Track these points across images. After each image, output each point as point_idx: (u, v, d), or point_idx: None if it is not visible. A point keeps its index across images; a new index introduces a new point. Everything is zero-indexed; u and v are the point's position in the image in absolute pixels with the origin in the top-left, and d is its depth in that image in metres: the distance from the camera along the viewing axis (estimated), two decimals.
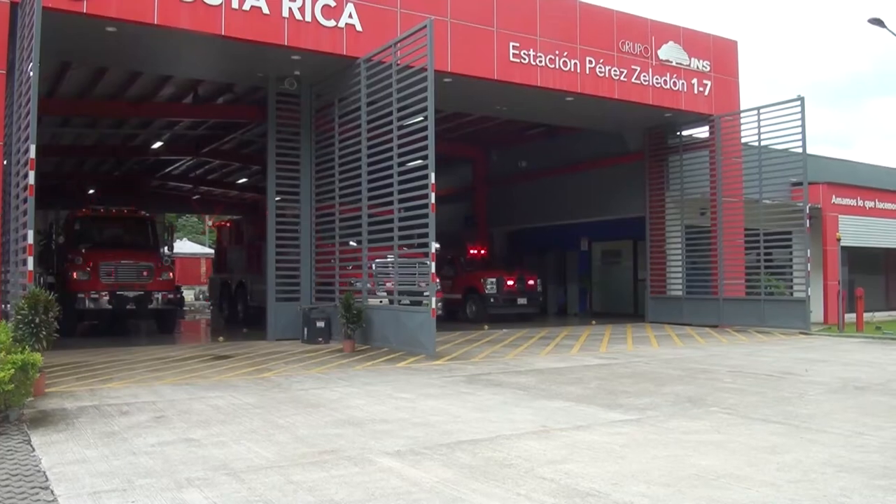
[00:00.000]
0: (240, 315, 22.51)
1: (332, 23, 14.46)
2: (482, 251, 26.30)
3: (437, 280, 14.74)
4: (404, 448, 6.21)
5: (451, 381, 10.22)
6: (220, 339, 16.87)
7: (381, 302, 15.48)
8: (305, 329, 15.13)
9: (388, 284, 15.06)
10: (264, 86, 16.48)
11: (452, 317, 22.72)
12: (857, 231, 28.76)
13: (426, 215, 12.83)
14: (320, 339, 14.95)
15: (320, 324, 15.05)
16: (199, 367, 11.69)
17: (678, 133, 21.79)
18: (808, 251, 18.79)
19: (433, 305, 13.06)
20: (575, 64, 17.46)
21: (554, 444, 6.49)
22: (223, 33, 13.44)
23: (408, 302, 14.73)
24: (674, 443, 6.61)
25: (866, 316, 22.44)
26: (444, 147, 14.68)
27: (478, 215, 29.83)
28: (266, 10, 13.73)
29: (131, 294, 17.26)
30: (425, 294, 13.83)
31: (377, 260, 15.39)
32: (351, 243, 14.02)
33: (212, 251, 55.17)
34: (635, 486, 5.17)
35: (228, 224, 26.91)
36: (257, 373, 10.96)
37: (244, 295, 22.29)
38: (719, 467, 5.72)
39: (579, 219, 26.35)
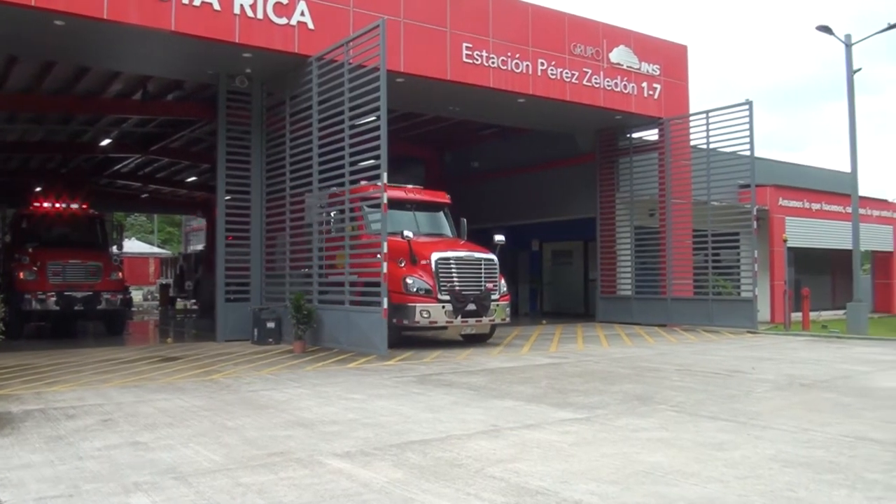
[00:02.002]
0: None
1: (283, 20, 14.36)
2: None
3: (503, 281, 15.25)
4: (354, 449, 6.19)
5: (402, 382, 10.21)
6: (169, 340, 16.65)
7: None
8: (255, 330, 14.99)
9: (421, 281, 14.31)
10: (215, 83, 16.29)
11: None
12: (803, 232, 29.38)
13: (378, 214, 12.83)
14: (270, 339, 14.83)
15: (270, 324, 14.93)
16: (147, 369, 11.52)
17: (628, 135, 22.05)
18: (755, 252, 19.13)
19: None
20: (527, 66, 17.57)
21: (504, 443, 6.51)
22: (173, 29, 13.27)
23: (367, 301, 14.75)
24: (622, 440, 6.67)
25: (812, 315, 22.94)
26: (396, 147, 14.67)
27: None
28: (217, 7, 13.59)
29: (79, 295, 16.87)
30: (491, 298, 14.84)
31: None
32: (406, 234, 13.84)
33: (161, 251, 54.50)
34: (584, 484, 5.22)
35: None
36: (206, 374, 10.83)
37: None
38: (667, 464, 5.80)
39: (531, 219, 26.52)
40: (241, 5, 13.84)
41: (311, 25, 14.64)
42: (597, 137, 22.68)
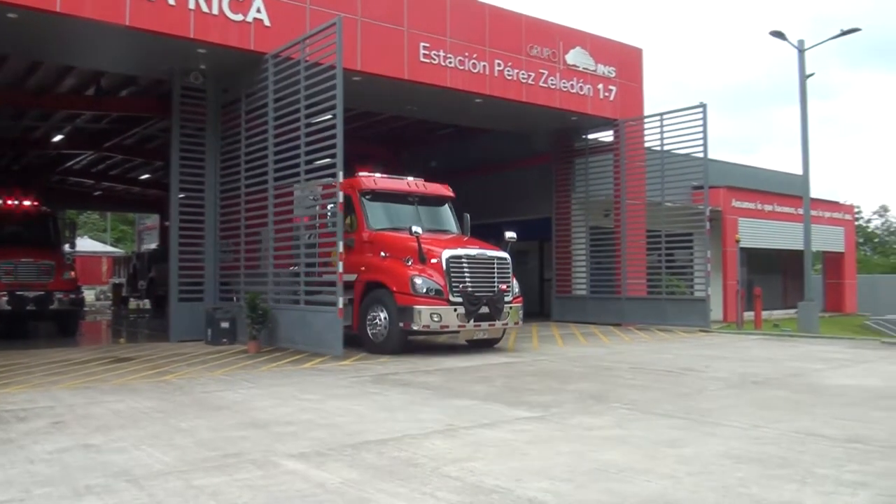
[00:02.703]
0: None
1: (239, 16, 14.22)
2: None
3: (515, 282, 14.42)
4: (309, 450, 6.15)
5: (358, 382, 10.17)
6: (121, 340, 16.40)
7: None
8: (209, 330, 14.81)
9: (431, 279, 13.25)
10: (169, 79, 16.07)
11: None
12: (755, 233, 29.94)
13: (334, 213, 12.77)
14: (224, 340, 14.65)
15: (225, 324, 14.76)
16: (100, 370, 11.31)
17: (584, 136, 22.25)
18: (708, 252, 19.42)
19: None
20: (484, 66, 17.63)
21: (460, 442, 6.53)
22: (127, 23, 13.06)
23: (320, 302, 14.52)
24: (577, 439, 6.73)
25: (764, 314, 23.36)
26: (353, 146, 14.57)
27: None
28: (172, 2, 13.42)
29: (31, 294, 16.45)
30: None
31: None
32: (416, 229, 13.04)
33: (114, 249, 53.68)
34: (538, 482, 5.25)
35: None
36: (159, 375, 10.68)
37: None
38: (621, 461, 5.85)
39: (487, 219, 26.54)
40: (197, 0, 13.68)
41: (267, 22, 14.52)
42: (553, 138, 22.83)
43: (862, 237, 66.42)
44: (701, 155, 19.31)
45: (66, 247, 19.41)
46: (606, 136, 21.98)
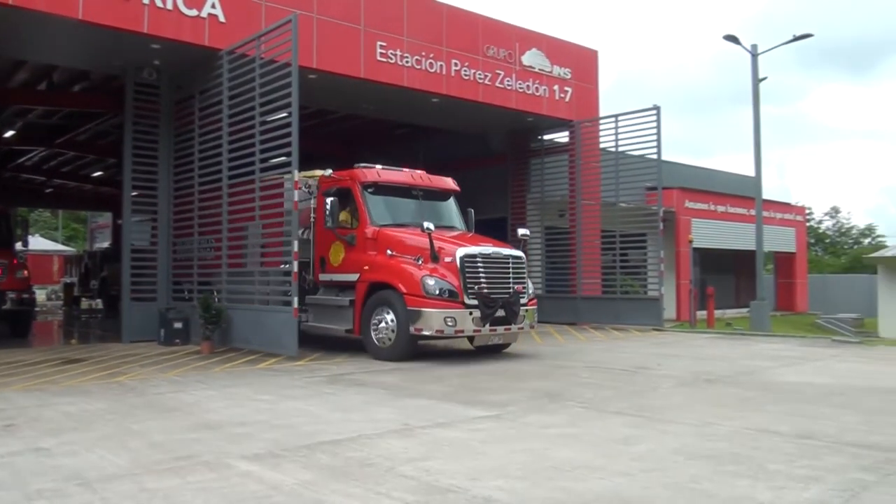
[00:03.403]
0: None
1: (193, 12, 14.04)
2: None
3: (528, 283, 13.55)
4: (263, 451, 6.11)
5: (313, 382, 10.13)
6: (73, 341, 16.11)
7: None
8: (162, 330, 14.60)
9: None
10: (122, 75, 15.81)
11: None
12: (708, 234, 30.36)
13: (290, 212, 12.67)
14: (178, 340, 14.46)
15: (178, 324, 14.56)
16: (51, 371, 11.11)
17: (540, 137, 22.36)
18: (662, 252, 19.65)
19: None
20: (441, 66, 17.64)
21: (415, 441, 6.54)
22: (80, 17, 12.81)
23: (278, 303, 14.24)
24: (531, 437, 6.78)
25: (717, 313, 23.72)
26: (309, 144, 14.46)
27: None
28: None
29: None
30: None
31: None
32: (428, 225, 12.23)
33: (66, 248, 52.66)
34: (493, 481, 5.27)
35: None
36: (111, 377, 10.51)
37: None
38: (575, 459, 5.91)
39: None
40: None
41: (221, 18, 14.36)
42: (509, 139, 22.92)
43: (813, 238, 67.75)
44: (655, 156, 19.52)
45: (19, 245, 18.99)
46: (562, 136, 22.12)
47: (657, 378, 10.63)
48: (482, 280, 12.44)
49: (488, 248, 12.89)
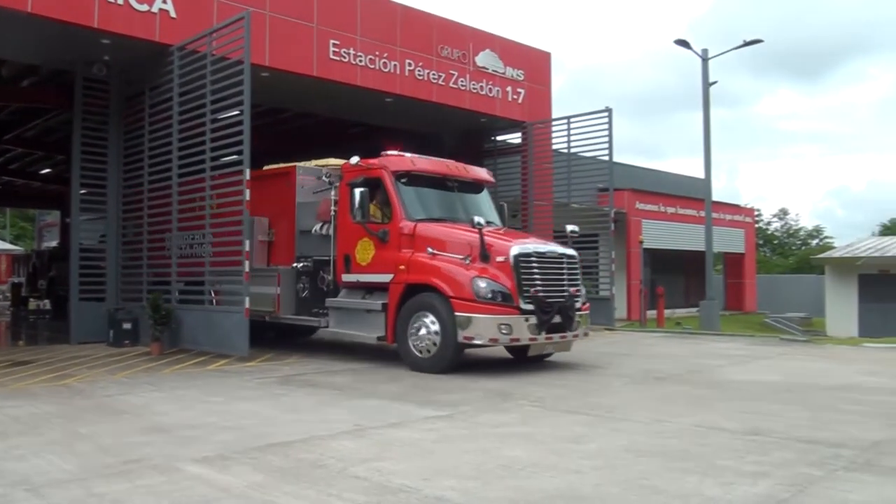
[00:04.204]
0: None
1: (144, 7, 13.82)
2: None
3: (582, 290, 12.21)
4: (213, 453, 6.05)
5: (265, 383, 10.05)
6: (20, 342, 15.78)
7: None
8: (111, 331, 14.35)
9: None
10: (72, 70, 15.49)
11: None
12: (658, 234, 30.77)
13: (240, 212, 12.52)
14: (127, 341, 14.21)
15: (127, 325, 14.32)
16: None
17: (493, 138, 22.46)
18: (613, 252, 19.89)
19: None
20: (395, 66, 17.62)
21: (367, 442, 6.54)
22: (29, 10, 12.51)
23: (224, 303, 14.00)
24: (484, 436, 6.82)
25: (667, 312, 24.06)
26: (261, 142, 14.34)
27: None
28: None
29: None
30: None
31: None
32: (478, 220, 11.05)
33: (13, 247, 51.50)
34: (446, 481, 5.29)
35: None
36: (59, 379, 10.30)
37: None
38: (527, 458, 5.96)
39: None
40: None
41: (173, 14, 14.15)
42: (463, 139, 22.94)
43: (762, 239, 69.07)
44: (607, 158, 19.72)
45: None
46: (515, 138, 22.24)
47: (608, 377, 10.75)
48: (538, 282, 11.17)
49: (543, 246, 11.81)
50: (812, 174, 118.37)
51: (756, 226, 48.17)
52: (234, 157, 12.99)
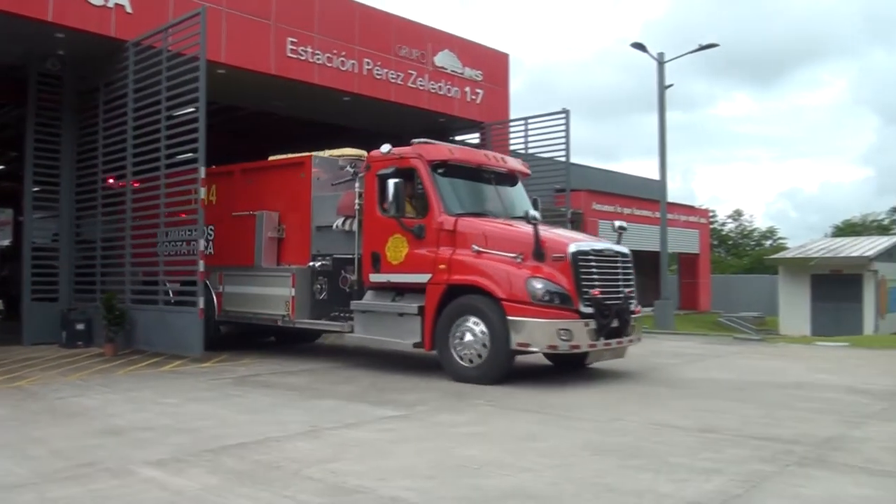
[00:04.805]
0: None
1: (100, 1, 13.60)
2: None
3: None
4: (168, 456, 6.00)
5: (220, 384, 9.98)
6: None
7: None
8: (64, 332, 14.11)
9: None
10: (25, 64, 15.19)
11: None
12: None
13: (195, 210, 12.40)
14: (80, 342, 13.97)
15: (80, 326, 14.08)
16: None
17: (451, 138, 22.40)
18: None
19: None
20: (353, 64, 17.58)
21: (323, 443, 6.54)
22: None
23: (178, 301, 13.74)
24: (440, 436, 6.86)
25: None
26: (217, 140, 14.17)
27: None
28: None
29: None
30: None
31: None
32: (533, 213, 10.18)
33: None
34: (402, 481, 5.32)
35: None
36: (10, 381, 10.11)
37: None
38: (482, 457, 6.01)
39: None
40: None
41: (128, 8, 13.95)
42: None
43: (717, 239, 69.96)
44: (564, 159, 19.84)
45: None
46: (473, 138, 22.29)
47: (563, 376, 10.82)
48: (596, 282, 10.21)
49: (599, 243, 11.01)
50: (766, 177, 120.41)
51: (711, 227, 48.85)
52: (190, 155, 12.86)
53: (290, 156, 13.87)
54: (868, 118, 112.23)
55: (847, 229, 62.85)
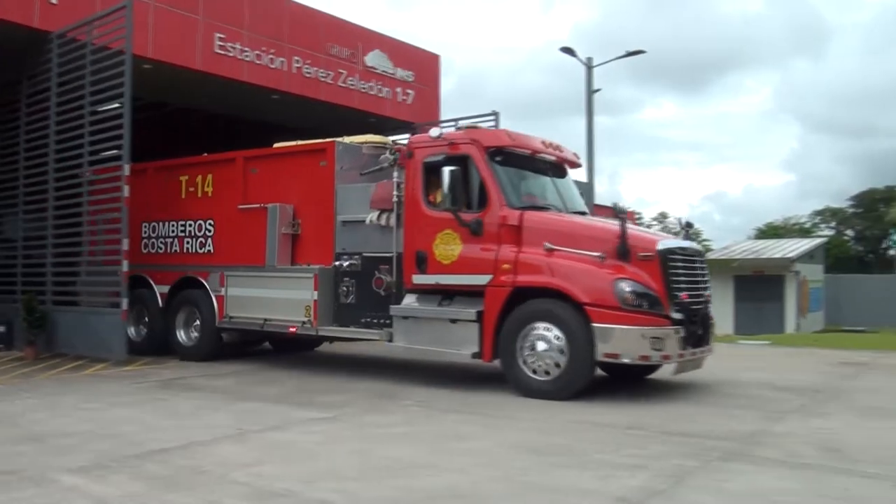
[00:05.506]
0: None
1: None
2: None
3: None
4: (90, 463, 5.91)
5: (144, 388, 9.85)
6: None
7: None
8: None
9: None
10: None
11: None
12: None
13: (119, 209, 12.14)
14: (0, 346, 13.63)
15: (0, 328, 13.73)
16: None
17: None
18: None
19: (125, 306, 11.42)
20: (282, 62, 17.43)
21: (249, 446, 6.53)
22: None
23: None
24: (367, 437, 6.91)
25: None
26: (143, 137, 13.90)
27: None
28: None
29: None
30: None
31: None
32: (619, 205, 9.61)
33: None
34: (328, 483, 5.35)
35: None
36: None
37: None
38: (410, 458, 6.08)
39: None
40: None
41: None
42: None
43: None
44: None
45: None
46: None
47: (492, 376, 10.90)
48: (683, 284, 9.30)
49: (684, 241, 10.08)
50: (691, 180, 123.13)
51: None
52: (115, 151, 12.60)
53: (307, 142, 12.71)
54: (791, 125, 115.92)
55: (770, 232, 64.60)
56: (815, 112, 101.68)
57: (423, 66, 21.39)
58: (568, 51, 24.39)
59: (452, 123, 20.57)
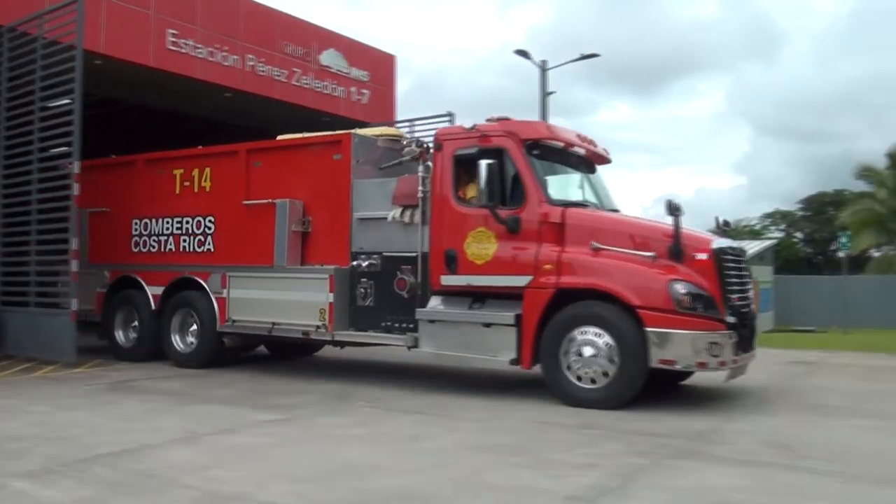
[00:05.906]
0: None
1: None
2: None
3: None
4: (38, 467, 5.81)
5: (94, 390, 9.69)
6: None
7: None
8: None
9: None
10: None
11: None
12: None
13: (67, 208, 11.92)
14: None
15: None
16: None
17: None
18: None
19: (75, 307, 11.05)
20: (236, 60, 17.29)
21: (200, 449, 6.48)
22: None
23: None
24: (321, 439, 6.90)
25: None
26: (94, 134, 13.65)
27: None
28: None
29: None
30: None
31: None
32: (675, 202, 8.61)
33: None
34: (281, 486, 5.33)
35: None
36: None
37: None
38: (364, 459, 6.08)
39: None
40: None
41: None
42: None
43: None
44: None
45: None
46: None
47: (447, 376, 10.98)
48: (735, 287, 8.91)
49: (732, 241, 9.67)
50: (643, 182, 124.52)
51: None
52: (65, 148, 12.37)
53: (318, 134, 12.01)
54: (742, 129, 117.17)
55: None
56: (766, 116, 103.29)
57: (379, 65, 21.38)
58: (522, 53, 24.55)
59: (407, 124, 20.66)
